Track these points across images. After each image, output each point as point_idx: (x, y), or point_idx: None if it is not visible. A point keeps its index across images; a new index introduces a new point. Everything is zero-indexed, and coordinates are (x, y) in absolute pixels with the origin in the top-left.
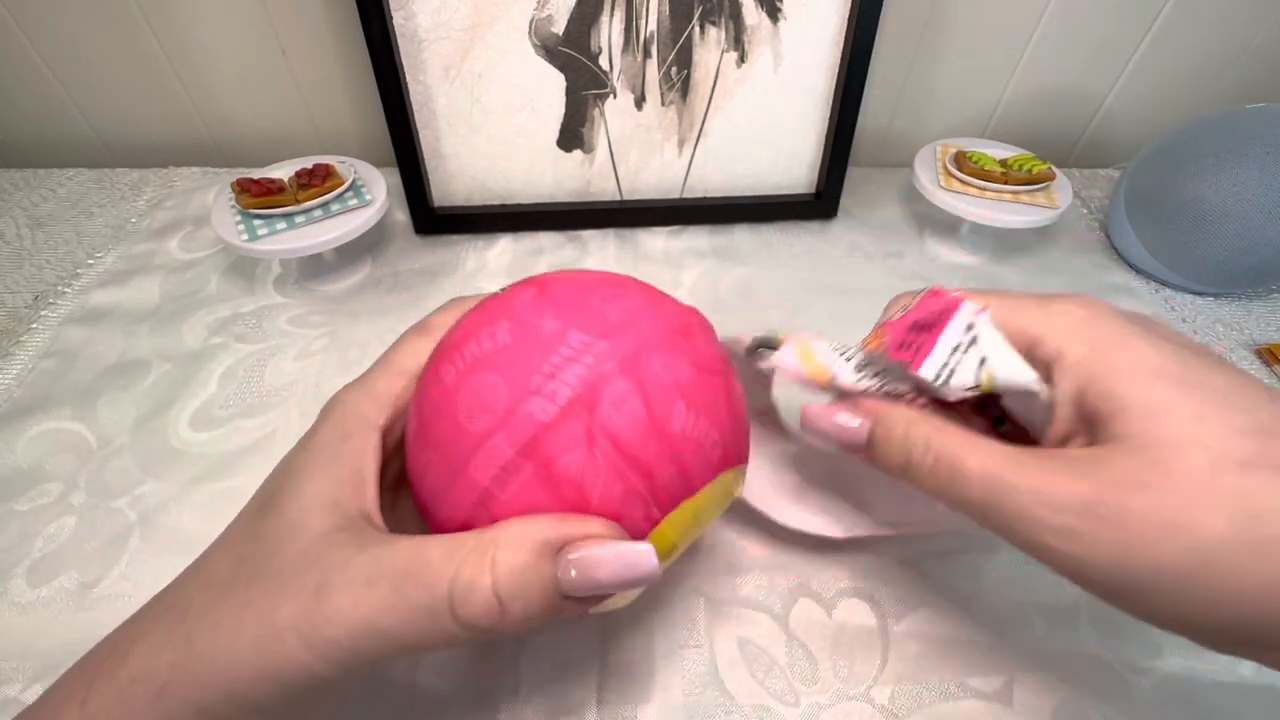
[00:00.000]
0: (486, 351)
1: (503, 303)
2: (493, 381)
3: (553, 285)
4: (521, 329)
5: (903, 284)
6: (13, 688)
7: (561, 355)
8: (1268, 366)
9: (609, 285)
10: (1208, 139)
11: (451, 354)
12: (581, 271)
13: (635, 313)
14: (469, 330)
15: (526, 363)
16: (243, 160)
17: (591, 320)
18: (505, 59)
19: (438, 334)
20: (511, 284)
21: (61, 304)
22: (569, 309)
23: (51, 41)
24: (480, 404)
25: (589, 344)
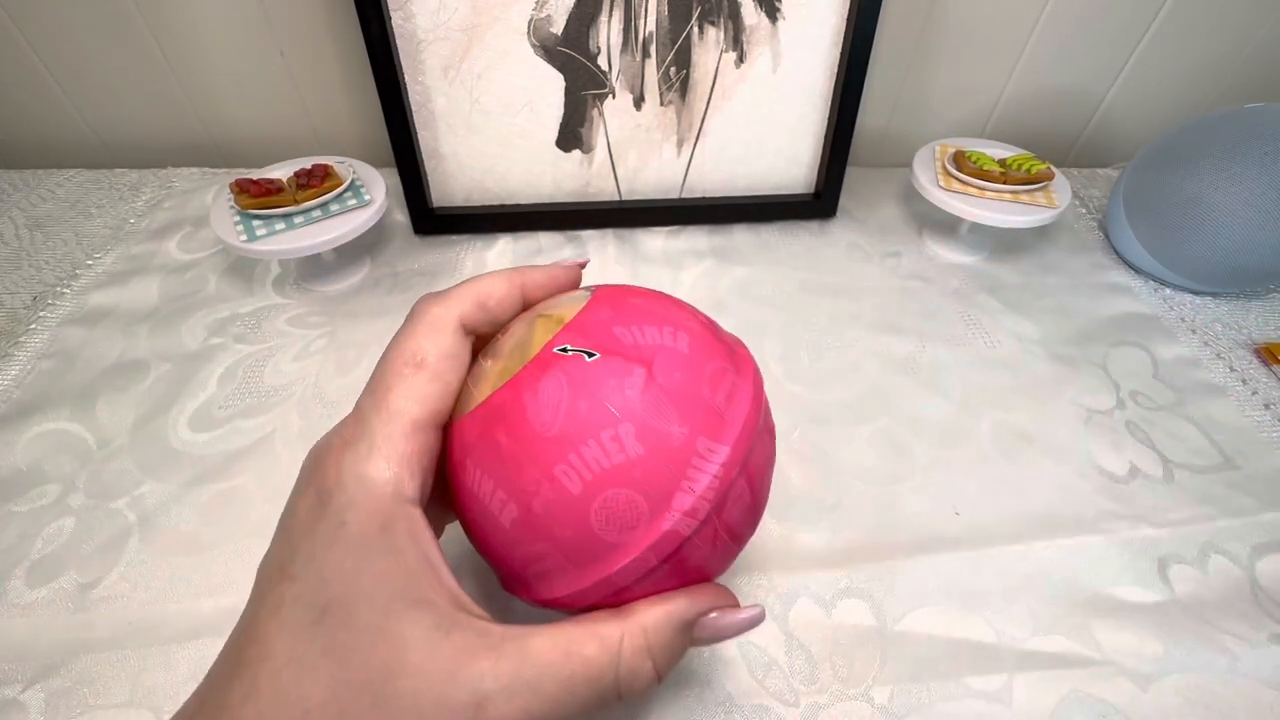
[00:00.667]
0: (618, 463)
1: (605, 386)
2: (631, 499)
3: (658, 365)
4: (650, 437)
5: (902, 284)
6: (12, 689)
7: (695, 468)
8: (1266, 366)
9: (704, 355)
10: (1206, 139)
11: (565, 452)
12: (652, 307)
13: (735, 393)
14: (581, 428)
15: (664, 478)
16: (241, 161)
17: (709, 417)
18: (504, 59)
19: (455, 309)
20: (572, 332)
21: (60, 305)
22: (687, 404)
23: (50, 42)
24: (620, 520)
25: (714, 450)
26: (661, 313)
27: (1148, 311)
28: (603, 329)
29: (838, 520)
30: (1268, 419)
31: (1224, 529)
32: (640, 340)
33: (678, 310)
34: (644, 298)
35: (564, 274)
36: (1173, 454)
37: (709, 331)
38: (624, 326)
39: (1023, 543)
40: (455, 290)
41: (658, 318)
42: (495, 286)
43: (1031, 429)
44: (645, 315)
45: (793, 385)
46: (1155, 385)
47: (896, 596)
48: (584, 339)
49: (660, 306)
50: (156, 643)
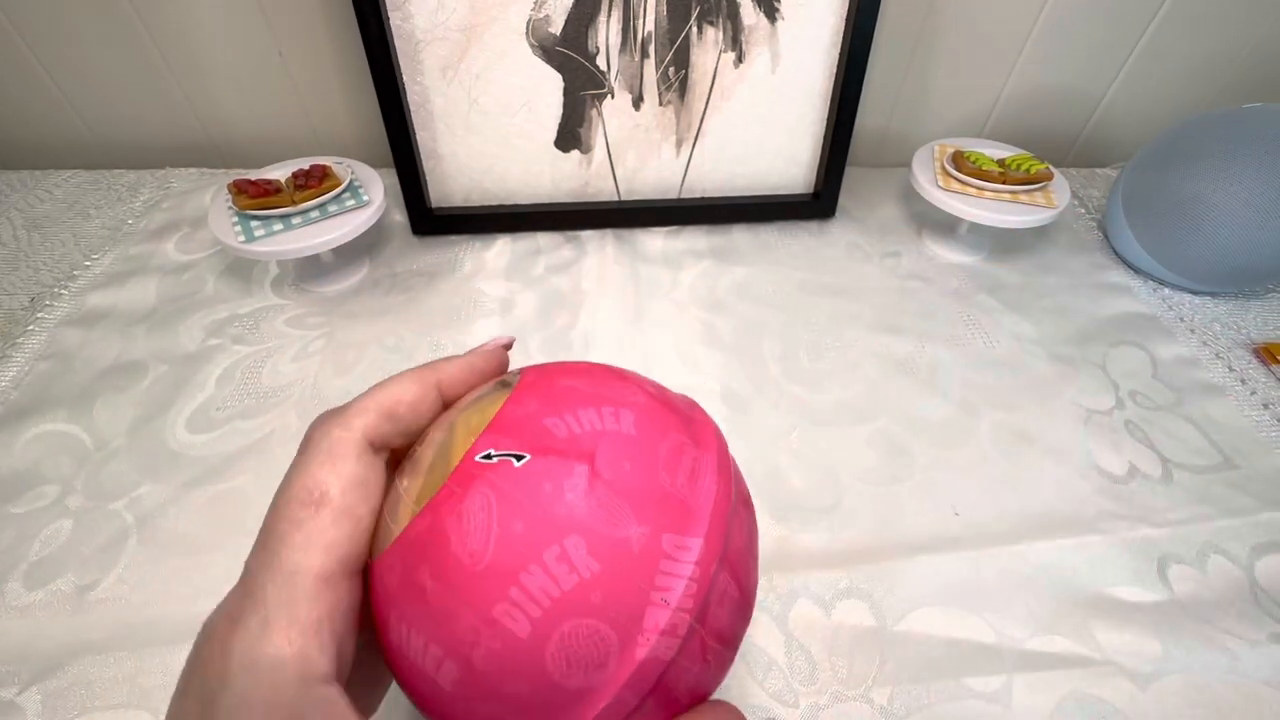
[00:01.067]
0: (570, 588)
1: (539, 494)
2: (594, 630)
3: (602, 456)
4: (605, 548)
5: (901, 284)
6: (9, 690)
7: (665, 573)
8: (1265, 365)
9: (656, 433)
10: (1205, 138)
11: (504, 586)
12: (585, 388)
13: (698, 470)
14: (519, 551)
15: (630, 596)
16: (240, 161)
17: (673, 508)
18: (502, 59)
19: (357, 426)
20: (495, 432)
21: (58, 306)
22: (643, 497)
23: (48, 43)
24: (585, 659)
25: (685, 547)
26: (599, 391)
27: (1147, 311)
28: (531, 423)
29: (837, 521)
30: (1267, 419)
31: (1223, 529)
32: (577, 429)
33: (618, 384)
34: (577, 376)
35: (484, 361)
36: (1172, 454)
37: (658, 402)
38: (556, 416)
39: (1022, 543)
40: (356, 403)
41: (595, 398)
42: (404, 390)
43: (1031, 429)
44: (580, 398)
45: (792, 385)
46: (1154, 385)
47: (896, 597)
48: (510, 439)
49: (597, 384)
50: (154, 644)
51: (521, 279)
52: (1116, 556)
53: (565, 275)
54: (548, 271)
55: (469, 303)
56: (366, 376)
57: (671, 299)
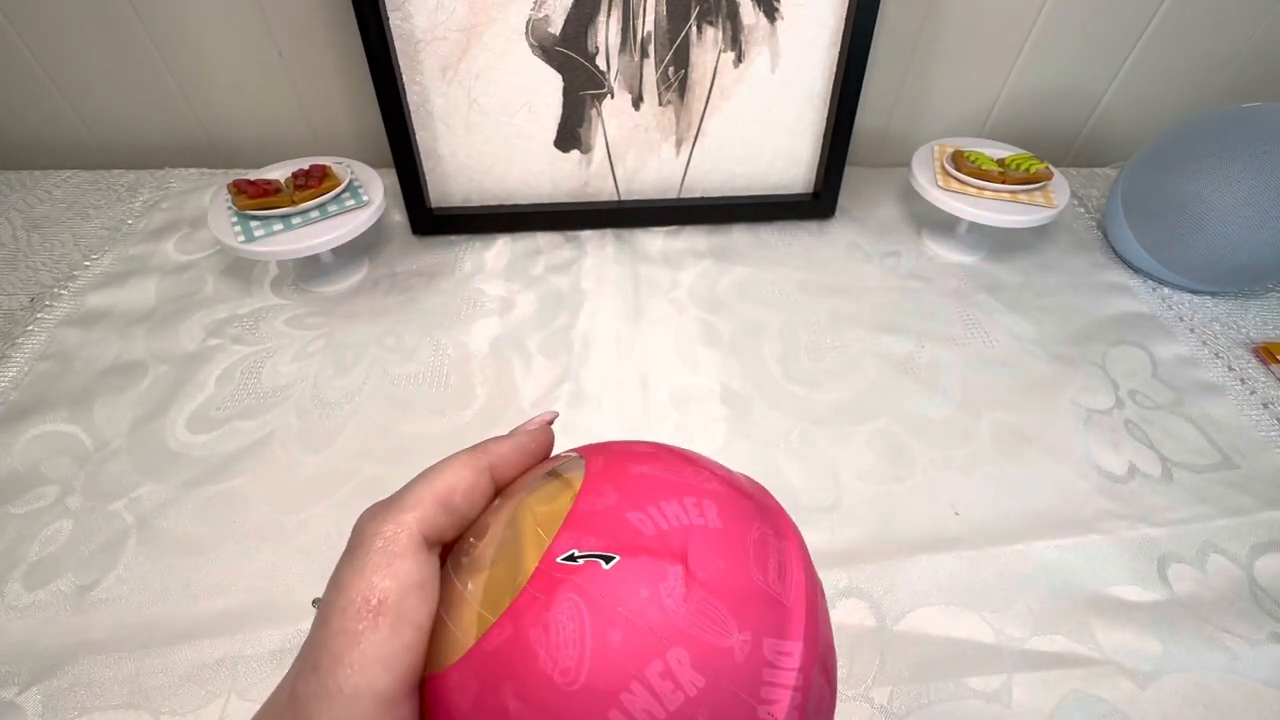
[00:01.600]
0: (676, 708)
1: (635, 601)
2: None
3: (694, 555)
4: (708, 657)
5: (901, 283)
6: (9, 690)
7: (769, 684)
8: (1265, 365)
9: (740, 525)
10: (1204, 138)
11: (604, 708)
12: (660, 475)
13: (786, 563)
14: (619, 667)
15: (737, 710)
16: (239, 161)
17: (769, 609)
18: (502, 59)
19: (412, 522)
20: (574, 528)
21: (58, 306)
22: (741, 599)
23: (47, 44)
24: None
25: (785, 653)
26: (677, 480)
27: (1146, 311)
28: (613, 518)
29: (837, 520)
30: (1266, 418)
31: (1223, 528)
32: (664, 525)
33: (691, 470)
34: (646, 461)
35: (532, 440)
36: (1171, 453)
37: (735, 490)
38: (640, 510)
39: (1022, 542)
40: (409, 493)
41: (675, 487)
42: (459, 477)
43: (1030, 429)
44: (659, 487)
45: (792, 385)
46: (1154, 384)
47: (896, 596)
48: (594, 537)
49: (671, 470)
50: (154, 644)
51: (521, 279)
52: (1116, 556)
53: (565, 275)
54: (547, 271)
55: (469, 303)
56: (366, 377)
57: (671, 299)
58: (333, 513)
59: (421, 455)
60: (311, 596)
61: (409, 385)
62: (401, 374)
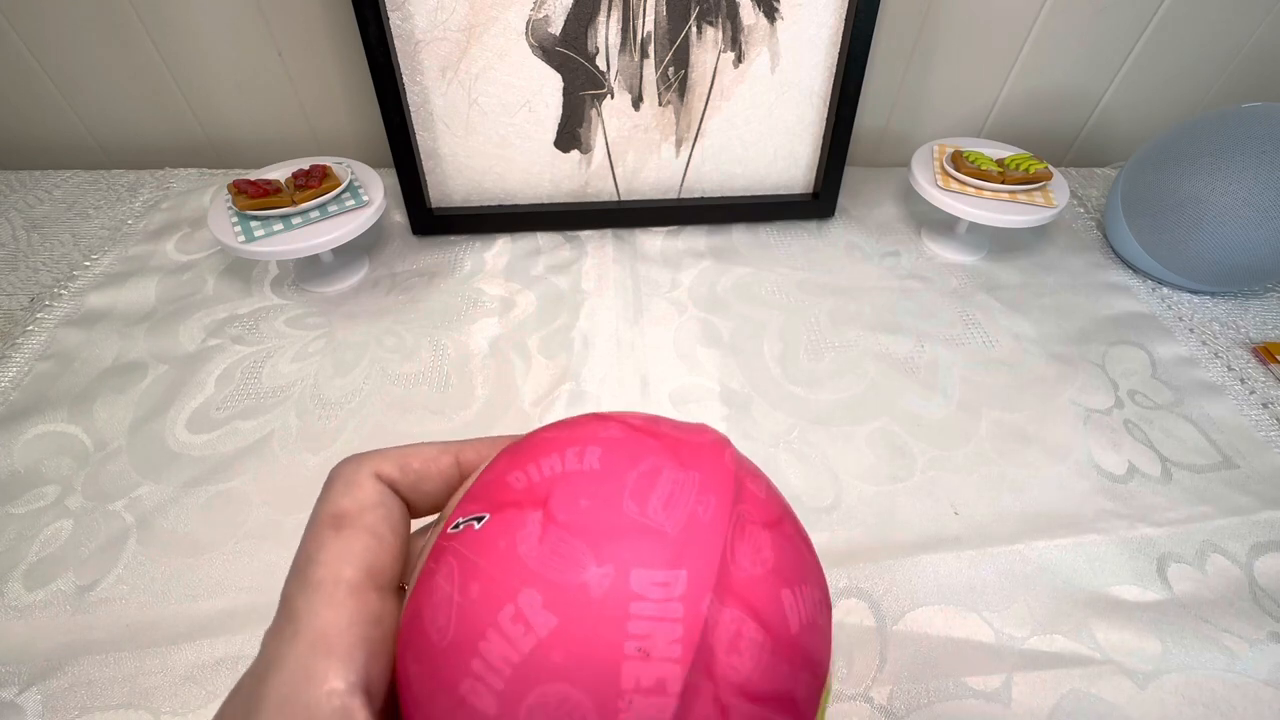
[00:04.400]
0: (529, 650)
1: (493, 552)
2: (564, 696)
3: (556, 498)
4: (560, 596)
5: (900, 283)
6: (9, 691)
7: (640, 619)
8: (1264, 365)
9: (625, 462)
10: (1203, 138)
11: (466, 659)
12: (558, 434)
13: (678, 491)
14: (474, 621)
15: (598, 648)
16: (239, 161)
17: (643, 539)
18: (502, 60)
19: (368, 464)
20: (468, 499)
21: (58, 306)
22: (602, 534)
23: (47, 44)
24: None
25: (665, 582)
26: (570, 434)
27: (1146, 310)
28: (497, 483)
29: (837, 520)
30: (1265, 418)
31: (1222, 528)
32: (536, 476)
33: (596, 424)
34: (561, 426)
35: (509, 439)
36: (1171, 453)
37: (637, 431)
38: (520, 469)
39: (1022, 542)
40: (375, 451)
41: (561, 441)
42: (423, 448)
43: (1030, 428)
44: (549, 445)
45: (792, 385)
46: (1153, 384)
47: (895, 596)
48: (477, 503)
49: (573, 427)
50: (154, 644)
51: (521, 279)
52: (1116, 556)
53: (565, 275)
54: (547, 271)
55: (469, 302)
56: (366, 376)
57: (671, 299)
58: None
59: None
60: None
61: (409, 385)
62: (401, 374)
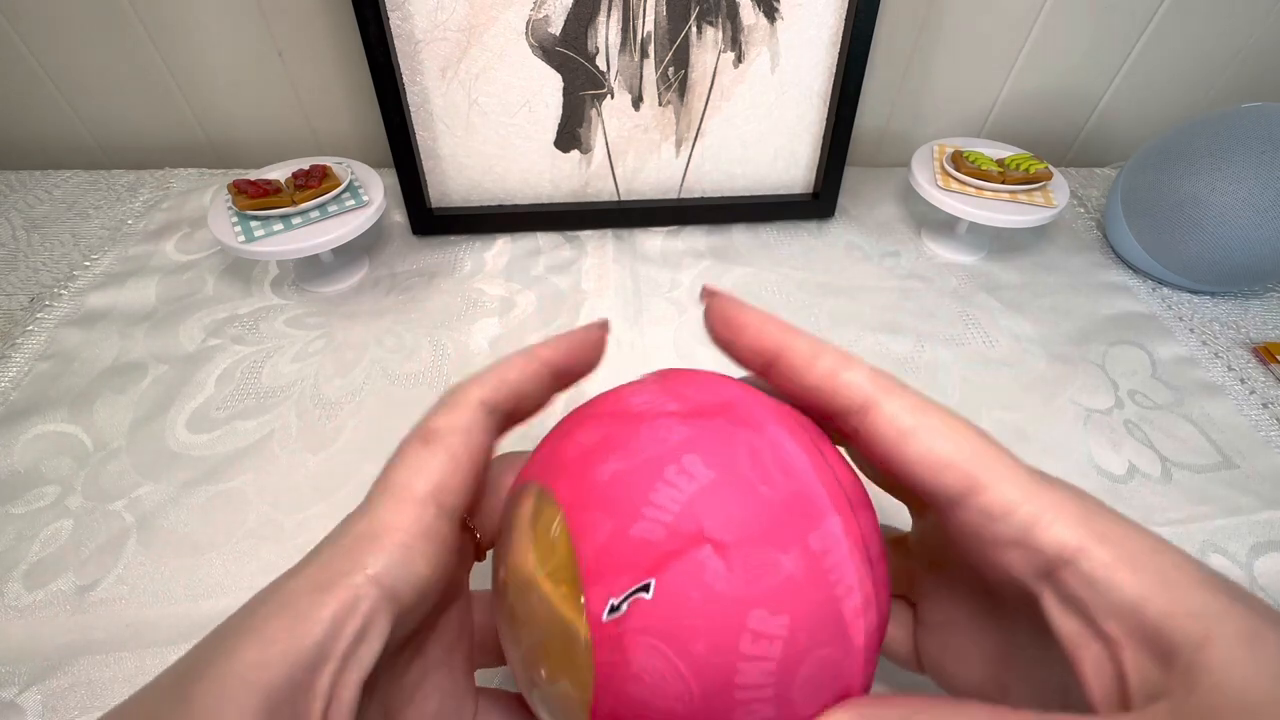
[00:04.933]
0: (780, 655)
1: (694, 607)
2: (824, 660)
3: (709, 525)
4: (782, 600)
5: (900, 283)
6: (9, 691)
7: (834, 570)
8: (1264, 365)
9: (722, 456)
10: (1204, 138)
11: (723, 709)
12: (634, 453)
13: (778, 452)
14: (718, 668)
15: (825, 614)
16: (239, 161)
17: (792, 508)
18: (502, 59)
19: (475, 385)
20: (590, 568)
21: (58, 306)
22: (769, 525)
23: (47, 44)
24: (823, 687)
25: (831, 532)
26: (645, 458)
27: (1146, 311)
28: (621, 543)
29: None
30: (1266, 418)
31: (1222, 528)
32: (667, 517)
33: (645, 429)
34: (605, 451)
35: (586, 338)
36: (1171, 453)
37: (690, 416)
38: (637, 519)
39: None
40: (476, 374)
41: (650, 468)
42: (513, 359)
43: (1030, 428)
44: (638, 479)
45: None
46: (1153, 384)
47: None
48: (617, 576)
49: (632, 448)
50: (154, 644)
51: (521, 279)
52: None
53: (565, 275)
54: (547, 271)
55: (469, 302)
56: (366, 376)
57: (671, 299)
58: (333, 513)
59: None
60: None
61: (409, 385)
62: (401, 374)
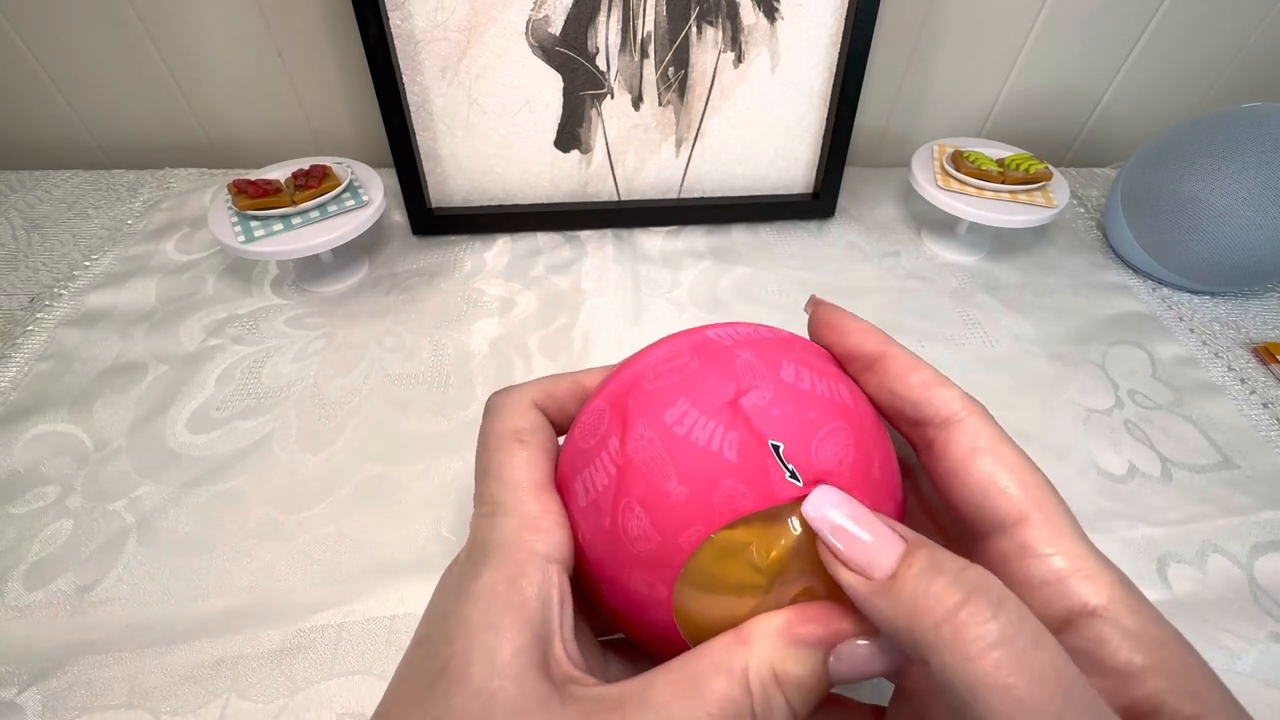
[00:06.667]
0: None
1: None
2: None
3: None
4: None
5: (900, 283)
6: (9, 691)
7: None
8: (1264, 365)
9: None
10: (1204, 138)
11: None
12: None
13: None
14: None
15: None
16: (239, 161)
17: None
18: (502, 59)
19: (528, 392)
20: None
21: (58, 306)
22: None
23: (47, 43)
24: None
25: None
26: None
27: (1146, 311)
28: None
29: None
30: (1266, 418)
31: (1222, 528)
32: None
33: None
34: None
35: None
36: (1171, 453)
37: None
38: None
39: None
40: (527, 383)
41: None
42: (561, 379)
43: (1030, 428)
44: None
45: None
46: (1154, 384)
47: None
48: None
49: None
50: (154, 645)
51: (521, 279)
52: (1116, 555)
53: (565, 275)
54: (547, 271)
55: (469, 303)
56: (366, 376)
57: (671, 299)
58: (333, 513)
59: (422, 455)
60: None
61: (409, 385)
62: (401, 374)
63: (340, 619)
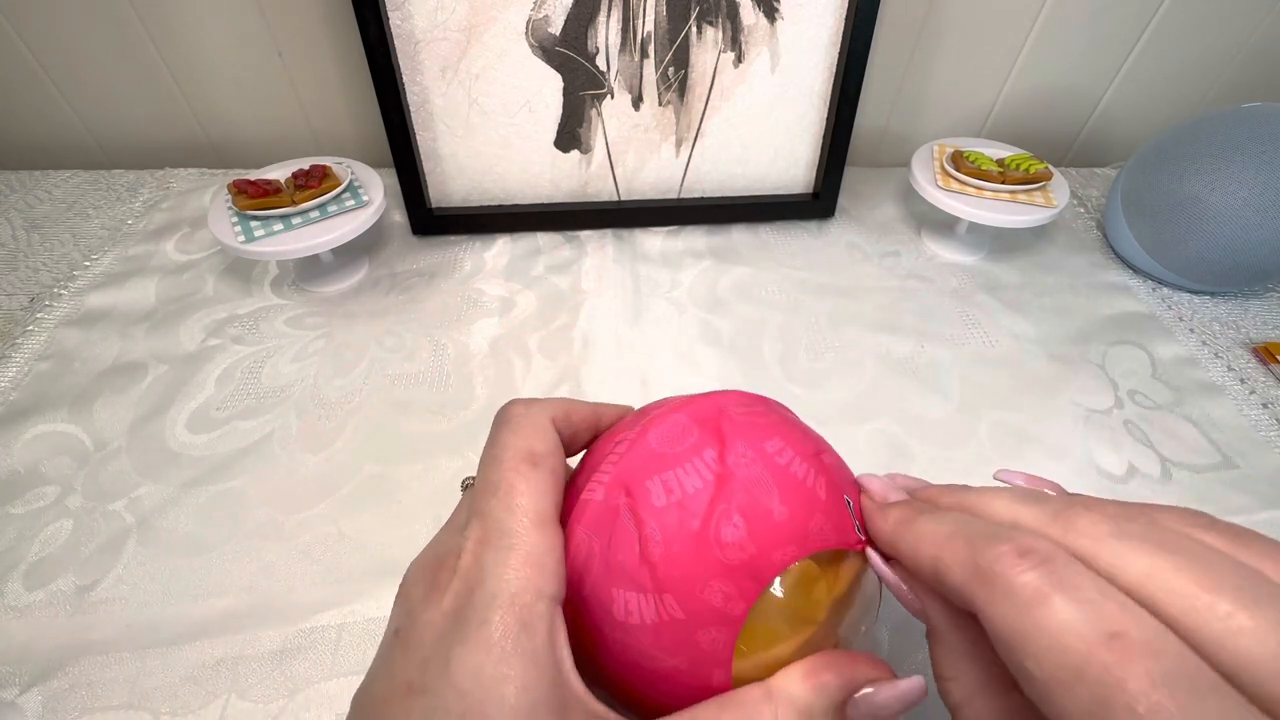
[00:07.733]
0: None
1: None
2: None
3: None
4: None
5: (900, 283)
6: (9, 691)
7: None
8: (1264, 365)
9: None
10: (1204, 138)
11: None
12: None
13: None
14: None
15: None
16: (239, 161)
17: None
18: (502, 59)
19: (547, 410)
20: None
21: (58, 306)
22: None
23: (47, 44)
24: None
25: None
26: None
27: (1146, 311)
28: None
29: None
30: (1265, 418)
31: None
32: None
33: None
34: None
35: (616, 411)
36: (1171, 453)
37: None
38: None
39: None
40: (541, 399)
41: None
42: (579, 405)
43: (1030, 428)
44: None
45: (792, 385)
46: (1153, 384)
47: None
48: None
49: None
50: (154, 645)
51: (521, 279)
52: None
53: (565, 275)
54: (547, 271)
55: (469, 303)
56: (366, 376)
57: (671, 299)
58: (333, 513)
59: (421, 455)
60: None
61: (409, 385)
62: (401, 374)
63: (340, 619)
